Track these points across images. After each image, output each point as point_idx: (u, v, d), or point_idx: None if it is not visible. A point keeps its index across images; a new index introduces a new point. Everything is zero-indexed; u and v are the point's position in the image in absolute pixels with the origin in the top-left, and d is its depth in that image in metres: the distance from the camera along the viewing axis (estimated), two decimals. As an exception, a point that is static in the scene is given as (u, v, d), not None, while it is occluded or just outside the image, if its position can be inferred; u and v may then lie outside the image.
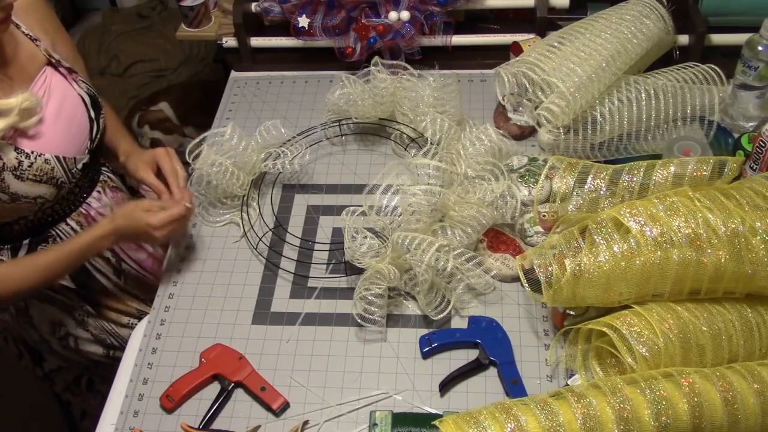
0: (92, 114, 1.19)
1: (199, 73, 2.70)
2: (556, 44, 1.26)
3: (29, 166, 1.08)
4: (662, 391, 0.84)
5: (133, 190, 1.41)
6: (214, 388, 1.08)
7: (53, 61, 1.15)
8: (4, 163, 1.05)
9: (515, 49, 1.48)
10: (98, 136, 1.22)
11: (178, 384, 1.07)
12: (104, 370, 1.42)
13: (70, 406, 1.66)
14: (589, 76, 1.19)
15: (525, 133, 1.38)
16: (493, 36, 1.56)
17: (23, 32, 1.12)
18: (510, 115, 1.36)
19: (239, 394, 1.07)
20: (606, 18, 1.30)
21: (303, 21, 1.50)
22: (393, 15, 1.44)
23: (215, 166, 1.23)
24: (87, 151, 1.20)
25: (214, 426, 1.04)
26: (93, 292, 1.32)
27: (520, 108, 1.34)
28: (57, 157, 1.12)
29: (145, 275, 1.39)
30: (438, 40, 1.53)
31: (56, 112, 1.13)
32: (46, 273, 1.12)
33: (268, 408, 1.04)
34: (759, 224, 0.92)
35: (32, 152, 1.08)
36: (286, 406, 1.04)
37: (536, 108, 1.22)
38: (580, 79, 1.18)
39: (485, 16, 1.65)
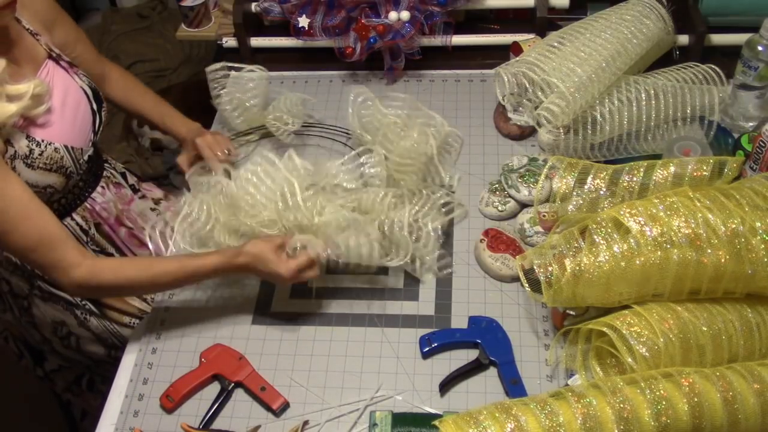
0: (94, 106, 1.21)
1: (199, 73, 2.69)
2: (556, 44, 1.26)
3: (40, 155, 1.09)
4: (662, 391, 0.84)
5: (134, 188, 1.41)
6: (214, 388, 1.08)
7: (54, 55, 1.16)
8: (15, 151, 1.06)
9: (515, 49, 1.48)
10: (100, 128, 1.23)
11: (178, 384, 1.07)
12: (105, 370, 1.42)
13: (71, 406, 1.66)
14: (589, 76, 1.19)
15: (525, 133, 1.38)
16: (493, 36, 1.56)
17: (24, 27, 1.13)
18: (510, 115, 1.36)
19: (239, 394, 1.07)
20: (606, 18, 1.30)
21: (303, 21, 1.50)
22: (393, 15, 1.44)
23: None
24: (91, 143, 1.21)
25: (214, 426, 1.04)
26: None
27: (520, 108, 1.34)
28: (66, 147, 1.13)
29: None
30: (438, 40, 1.53)
31: (61, 103, 1.14)
32: (155, 280, 1.08)
33: (268, 408, 1.04)
34: (759, 224, 0.92)
35: (43, 141, 1.09)
36: (286, 406, 1.04)
37: (536, 108, 1.22)
38: (580, 79, 1.18)
39: (485, 16, 1.65)
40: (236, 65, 1.42)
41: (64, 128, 1.13)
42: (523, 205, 1.25)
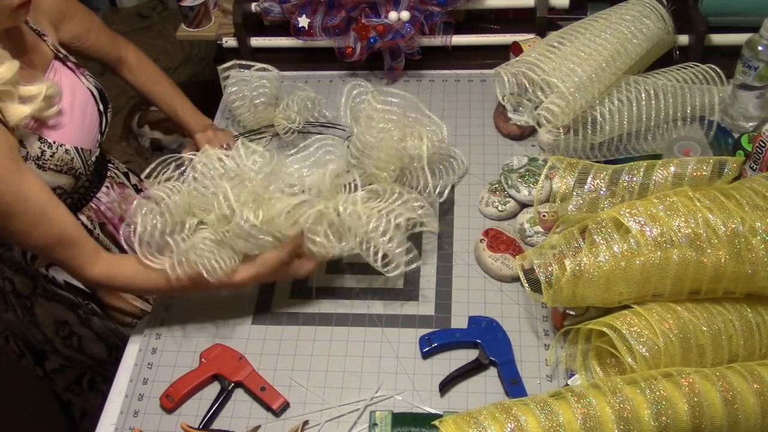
0: (101, 107, 1.21)
1: (199, 73, 2.70)
2: (556, 44, 1.26)
3: (51, 156, 1.09)
4: (662, 391, 0.84)
5: (137, 188, 1.41)
6: (214, 388, 1.08)
7: (61, 56, 1.16)
8: (28, 152, 1.06)
9: (515, 49, 1.48)
10: (106, 129, 1.23)
11: (178, 384, 1.07)
12: (106, 370, 1.42)
13: (71, 405, 1.66)
14: (589, 76, 1.19)
15: (525, 133, 1.38)
16: (493, 36, 1.56)
17: (31, 27, 1.13)
18: (510, 115, 1.36)
19: (239, 394, 1.07)
20: (606, 18, 1.30)
21: (303, 21, 1.50)
22: (393, 15, 1.44)
23: None
24: (97, 144, 1.21)
25: (214, 426, 1.04)
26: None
27: (520, 108, 1.34)
28: (76, 148, 1.13)
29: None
30: (438, 40, 1.53)
31: (70, 104, 1.14)
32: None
33: (268, 408, 1.04)
34: (759, 224, 0.92)
35: (54, 142, 1.09)
36: (286, 406, 1.04)
37: (536, 108, 1.22)
38: (580, 79, 1.18)
39: (485, 16, 1.65)
40: (248, 63, 1.42)
41: (73, 130, 1.13)
42: (523, 205, 1.25)
